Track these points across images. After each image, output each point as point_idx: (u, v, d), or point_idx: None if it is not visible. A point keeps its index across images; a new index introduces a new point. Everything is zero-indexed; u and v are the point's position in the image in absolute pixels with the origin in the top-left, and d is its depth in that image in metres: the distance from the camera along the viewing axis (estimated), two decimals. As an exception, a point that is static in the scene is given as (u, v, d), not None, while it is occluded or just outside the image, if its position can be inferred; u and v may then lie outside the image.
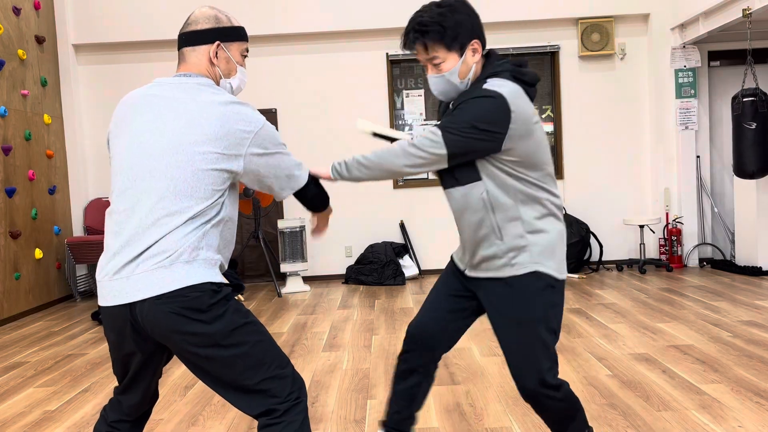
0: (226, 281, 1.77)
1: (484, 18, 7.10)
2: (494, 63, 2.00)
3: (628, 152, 7.42)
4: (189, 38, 1.86)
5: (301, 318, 5.43)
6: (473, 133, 1.87)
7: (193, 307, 1.66)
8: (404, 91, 7.46)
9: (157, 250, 1.68)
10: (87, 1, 7.10)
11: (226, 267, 1.86)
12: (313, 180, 1.99)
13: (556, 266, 2.01)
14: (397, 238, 7.44)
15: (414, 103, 7.44)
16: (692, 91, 7.12)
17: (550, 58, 7.45)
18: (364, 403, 3.28)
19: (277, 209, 7.43)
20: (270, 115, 7.36)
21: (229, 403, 1.79)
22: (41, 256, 6.38)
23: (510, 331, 2.00)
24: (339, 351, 4.31)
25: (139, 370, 1.88)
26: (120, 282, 1.69)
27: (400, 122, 7.51)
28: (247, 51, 1.95)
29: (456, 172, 1.99)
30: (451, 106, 2.06)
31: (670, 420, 2.85)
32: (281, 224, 6.74)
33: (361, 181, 2.11)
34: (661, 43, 7.17)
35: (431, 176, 7.42)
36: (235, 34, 1.89)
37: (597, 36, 7.22)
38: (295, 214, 7.45)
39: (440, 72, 1.99)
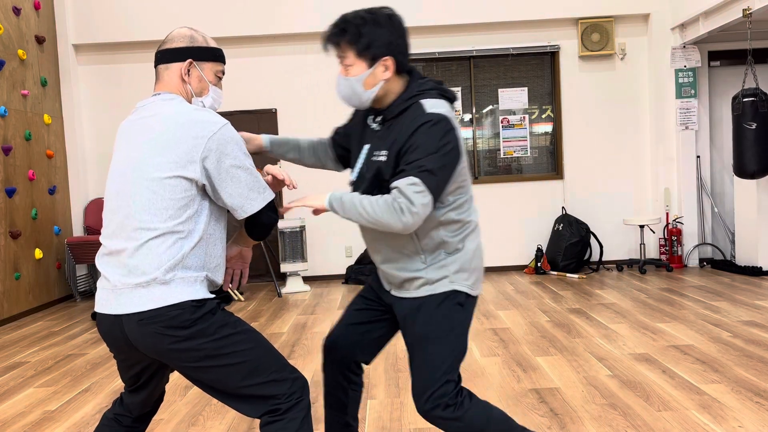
0: (210, 296, 1.76)
1: (484, 18, 7.11)
2: (419, 81, 1.99)
3: (628, 152, 7.42)
4: (163, 56, 1.86)
5: (302, 318, 5.43)
6: (444, 161, 1.85)
7: (175, 326, 1.68)
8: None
9: (133, 264, 1.69)
10: (87, 1, 7.10)
11: (220, 280, 1.84)
12: (271, 206, 1.86)
13: (471, 283, 2.01)
14: (397, 238, 7.42)
15: (414, 103, 7.43)
16: (692, 91, 7.12)
17: (550, 58, 7.45)
18: (365, 403, 3.28)
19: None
20: (270, 115, 7.36)
21: (231, 408, 1.80)
22: (41, 256, 6.38)
23: (416, 348, 1.99)
24: (339, 351, 4.30)
25: (143, 377, 1.90)
26: (106, 292, 1.75)
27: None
28: (223, 73, 1.94)
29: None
30: (375, 123, 2.02)
31: (670, 420, 2.85)
32: (281, 224, 6.74)
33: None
34: (661, 43, 7.17)
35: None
36: (209, 55, 1.88)
37: (597, 36, 7.22)
38: (295, 214, 7.45)
39: (347, 75, 1.95)
